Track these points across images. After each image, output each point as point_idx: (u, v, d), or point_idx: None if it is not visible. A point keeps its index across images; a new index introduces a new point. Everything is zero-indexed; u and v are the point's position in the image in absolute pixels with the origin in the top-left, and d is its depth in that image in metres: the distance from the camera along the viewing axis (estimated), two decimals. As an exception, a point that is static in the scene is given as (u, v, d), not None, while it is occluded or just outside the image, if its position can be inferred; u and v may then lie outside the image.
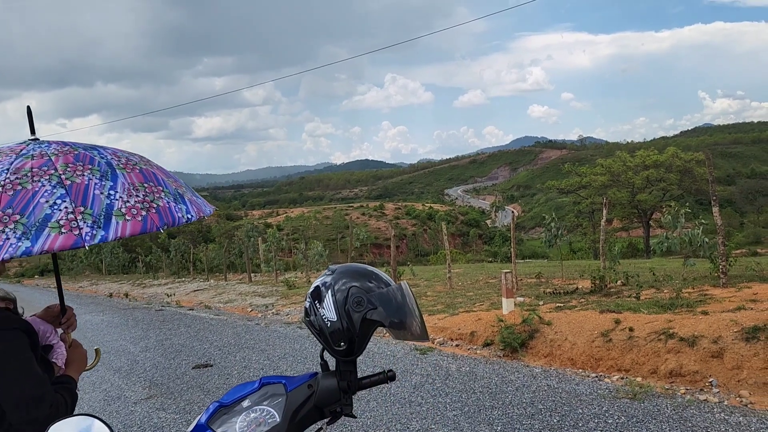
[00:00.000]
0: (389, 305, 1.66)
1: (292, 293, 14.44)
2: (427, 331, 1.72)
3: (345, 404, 1.69)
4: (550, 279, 12.20)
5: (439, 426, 4.82)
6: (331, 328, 1.64)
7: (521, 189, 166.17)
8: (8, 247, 1.45)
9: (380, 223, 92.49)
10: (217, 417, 1.64)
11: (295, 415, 1.64)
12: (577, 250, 33.94)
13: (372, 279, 1.71)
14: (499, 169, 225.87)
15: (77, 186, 1.60)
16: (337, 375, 1.69)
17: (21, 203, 1.53)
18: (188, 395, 6.41)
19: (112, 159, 1.77)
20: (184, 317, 12.63)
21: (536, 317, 7.42)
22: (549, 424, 4.65)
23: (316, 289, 1.71)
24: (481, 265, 21.60)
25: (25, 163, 1.65)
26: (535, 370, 6.27)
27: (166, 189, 1.77)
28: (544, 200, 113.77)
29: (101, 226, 1.54)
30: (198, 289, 18.77)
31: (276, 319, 11.28)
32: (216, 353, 8.46)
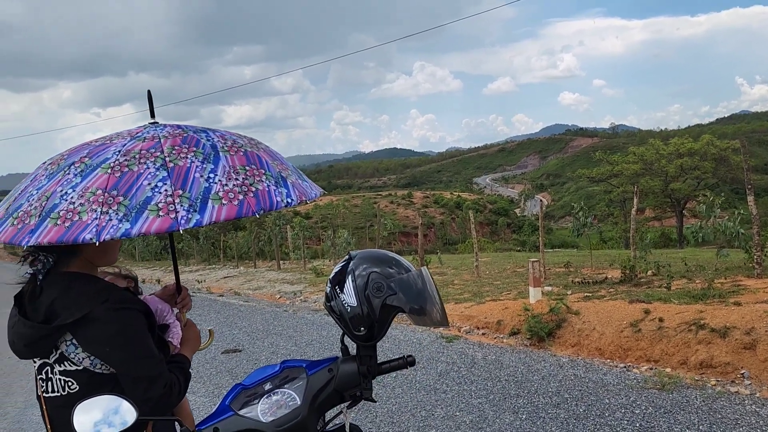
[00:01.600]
0: (409, 291, 1.67)
1: (320, 281, 14.54)
2: (447, 317, 1.72)
3: (365, 388, 1.71)
4: (579, 268, 12.06)
5: (463, 413, 4.83)
6: (351, 313, 1.66)
7: (551, 178, 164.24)
8: (110, 228, 1.48)
9: (408, 211, 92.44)
10: (239, 399, 1.68)
11: (316, 398, 1.67)
12: (607, 239, 33.51)
13: (392, 265, 1.72)
14: (529, 158, 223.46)
15: (179, 169, 1.61)
16: (357, 360, 1.71)
17: (126, 185, 1.55)
18: (217, 379, 6.53)
19: (218, 141, 1.76)
20: (214, 303, 12.83)
21: (564, 306, 7.36)
22: (575, 413, 4.62)
23: (336, 275, 1.73)
24: (509, 254, 21.46)
25: (135, 146, 1.67)
26: (562, 360, 6.22)
27: (268, 172, 1.74)
28: (574, 189, 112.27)
29: (197, 210, 1.54)
30: (228, 275, 19.02)
31: (304, 306, 11.38)
32: (245, 339, 8.59)
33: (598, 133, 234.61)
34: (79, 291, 1.73)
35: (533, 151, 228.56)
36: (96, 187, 1.56)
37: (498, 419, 4.65)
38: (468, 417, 4.74)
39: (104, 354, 1.72)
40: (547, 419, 4.55)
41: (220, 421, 1.60)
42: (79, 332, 1.70)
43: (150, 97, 2.00)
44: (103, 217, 1.50)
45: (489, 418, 4.68)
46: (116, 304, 1.72)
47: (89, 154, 1.69)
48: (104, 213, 1.51)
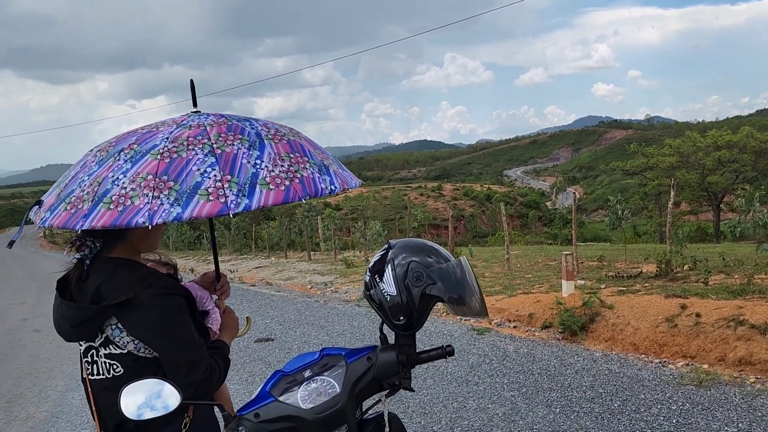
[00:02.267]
0: (448, 280, 1.67)
1: (351, 272, 14.61)
2: (486, 308, 1.71)
3: (403, 377, 1.71)
4: (612, 262, 11.88)
5: (496, 405, 4.82)
6: (391, 302, 1.66)
7: (583, 170, 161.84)
8: (162, 212, 1.52)
9: (438, 203, 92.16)
10: (279, 385, 1.70)
11: (355, 386, 1.68)
12: (641, 233, 32.94)
13: (431, 254, 1.72)
14: (561, 150, 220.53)
15: (227, 155, 1.64)
16: (396, 349, 1.71)
17: (176, 170, 1.59)
18: (250, 367, 6.63)
19: (261, 130, 1.80)
20: (246, 293, 12.99)
21: (597, 300, 7.27)
22: (609, 408, 4.57)
23: (376, 264, 1.73)
24: (541, 247, 21.26)
25: (183, 133, 1.71)
26: (596, 354, 6.15)
27: (311, 160, 1.77)
28: (608, 182, 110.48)
29: (246, 195, 1.57)
30: (259, 266, 19.23)
31: (335, 296, 11.46)
32: (277, 328, 8.69)
33: (632, 125, 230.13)
34: (124, 276, 1.77)
35: (565, 143, 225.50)
36: (146, 172, 1.59)
37: (531, 412, 4.62)
38: (500, 409, 4.73)
39: (148, 338, 1.76)
40: (581, 413, 4.51)
41: (261, 407, 1.62)
42: (123, 315, 1.75)
43: (193, 86, 2.03)
44: (155, 202, 1.54)
45: (522, 411, 4.65)
46: (160, 289, 1.76)
47: (137, 140, 1.73)
48: (156, 197, 1.54)
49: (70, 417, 5.68)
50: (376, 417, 1.76)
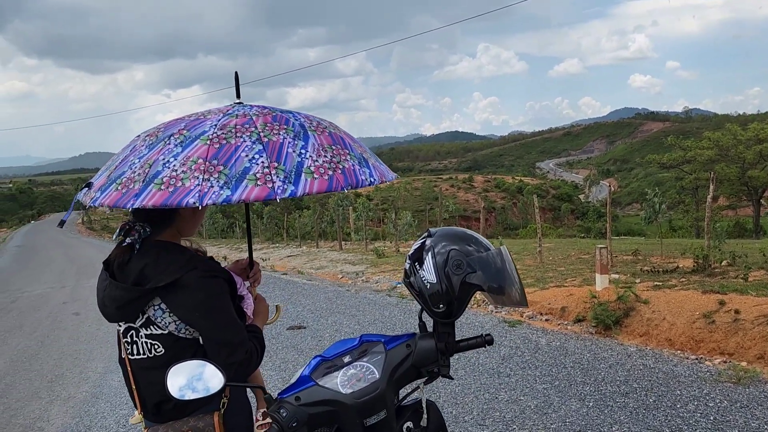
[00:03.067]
0: (488, 269, 1.66)
1: (382, 262, 14.65)
2: (526, 298, 1.71)
3: (442, 365, 1.72)
4: (647, 257, 11.68)
5: (528, 398, 4.80)
6: (431, 290, 1.66)
7: (618, 163, 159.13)
8: (212, 194, 1.57)
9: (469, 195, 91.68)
10: (319, 370, 1.72)
11: (394, 372, 1.69)
12: (677, 228, 32.28)
13: (471, 243, 1.72)
14: (595, 142, 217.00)
15: (273, 143, 1.70)
16: (435, 336, 1.72)
17: (225, 156, 1.64)
18: (283, 354, 6.72)
19: (304, 122, 1.85)
20: (278, 281, 13.14)
21: (632, 294, 7.16)
22: (644, 403, 4.51)
23: (416, 251, 1.74)
24: (574, 240, 21.00)
25: (230, 121, 1.76)
26: (630, 349, 6.07)
27: (352, 152, 1.82)
28: (643, 175, 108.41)
29: (292, 182, 1.62)
30: (291, 254, 19.42)
31: (366, 286, 11.51)
32: (309, 316, 8.78)
33: (670, 117, 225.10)
34: (170, 258, 1.83)
35: (600, 136, 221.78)
36: (197, 156, 1.65)
37: (564, 405, 4.59)
38: (533, 402, 4.71)
39: (192, 319, 1.81)
40: (615, 408, 4.46)
41: (302, 391, 1.65)
42: (169, 297, 1.80)
43: (237, 78, 2.08)
44: (205, 184, 1.59)
45: (554, 404, 4.62)
46: (205, 272, 1.81)
47: (186, 126, 1.78)
48: (206, 180, 1.59)
49: (109, 398, 5.84)
50: (413, 404, 1.77)
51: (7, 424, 5.42)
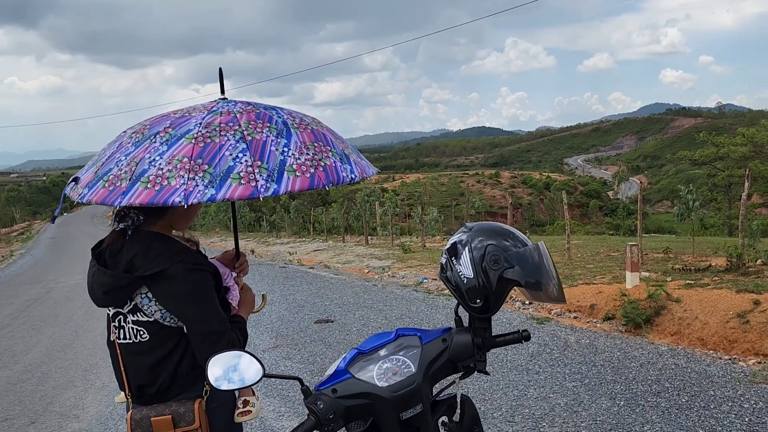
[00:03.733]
0: (526, 265, 1.65)
1: (408, 257, 14.65)
2: (564, 294, 1.69)
3: (479, 360, 1.71)
4: (678, 255, 11.49)
5: (557, 395, 4.76)
6: (468, 284, 1.66)
7: (648, 159, 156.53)
8: (197, 193, 1.61)
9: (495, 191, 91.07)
10: (356, 363, 1.73)
11: (430, 367, 1.69)
12: (708, 226, 31.64)
13: (509, 238, 1.71)
14: (625, 138, 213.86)
15: (257, 142, 1.72)
16: (472, 331, 1.71)
17: (209, 155, 1.68)
18: (311, 348, 6.77)
19: (287, 119, 1.87)
20: (305, 275, 13.23)
21: (663, 293, 7.06)
22: (677, 403, 4.45)
23: (452, 246, 1.73)
24: (602, 237, 20.73)
25: (214, 119, 1.79)
26: (661, 348, 5.99)
27: (333, 149, 1.85)
28: (674, 172, 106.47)
29: (274, 180, 1.65)
30: (317, 249, 19.52)
31: (392, 281, 11.52)
32: (336, 310, 8.83)
33: (702, 113, 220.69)
34: (159, 249, 1.88)
35: (630, 132, 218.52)
36: (182, 155, 1.68)
37: (594, 404, 4.55)
38: (562, 399, 4.67)
39: (177, 309, 1.87)
40: (647, 407, 4.41)
41: (339, 383, 1.66)
42: (155, 286, 1.86)
43: (221, 74, 2.12)
44: (191, 183, 1.62)
45: (584, 402, 4.59)
46: (191, 264, 1.87)
47: (172, 124, 1.82)
48: (191, 179, 1.63)
49: (141, 387, 5.95)
50: (448, 399, 1.77)
51: (44, 412, 5.56)
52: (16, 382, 6.60)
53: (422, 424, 1.65)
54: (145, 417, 1.95)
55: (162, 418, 1.93)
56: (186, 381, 1.96)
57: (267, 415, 4.83)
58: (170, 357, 1.93)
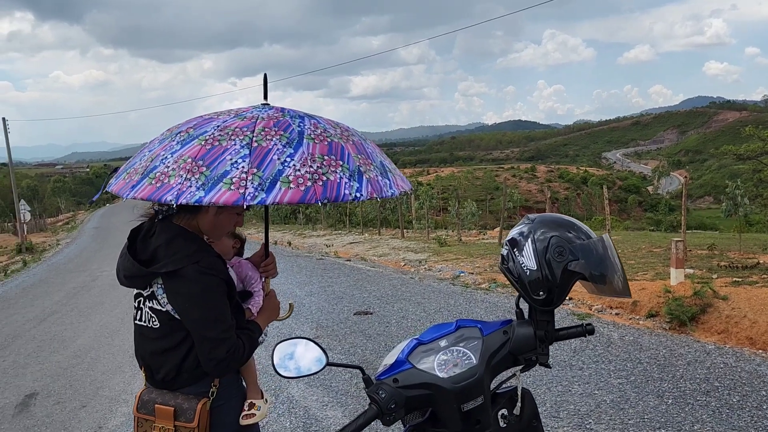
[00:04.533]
0: (591, 257, 1.63)
1: (444, 251, 14.61)
2: (629, 288, 1.67)
3: (541, 353, 1.70)
4: (724, 252, 11.20)
5: (603, 392, 4.70)
6: (531, 276, 1.64)
7: (690, 154, 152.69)
8: (188, 194, 1.61)
9: (531, 185, 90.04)
10: (416, 353, 1.73)
11: (491, 359, 1.68)
12: (754, 222, 30.72)
13: (572, 229, 1.69)
14: (666, 132, 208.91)
15: (261, 149, 1.70)
16: (534, 324, 1.70)
17: (211, 157, 1.68)
18: (351, 339, 6.81)
19: (308, 128, 1.83)
20: (342, 267, 13.30)
21: (710, 290, 6.89)
22: (727, 402, 4.35)
23: (514, 237, 1.72)
24: (644, 233, 20.32)
25: (234, 123, 1.79)
26: (708, 347, 5.85)
27: (345, 164, 1.77)
28: (717, 167, 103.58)
29: (264, 190, 1.61)
30: (353, 241, 19.61)
31: (429, 274, 11.51)
32: (375, 302, 8.86)
33: (747, 106, 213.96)
34: (179, 246, 1.91)
35: (671, 125, 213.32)
36: (188, 155, 1.70)
37: (641, 401, 4.48)
38: (608, 396, 4.61)
39: (183, 308, 1.90)
40: (696, 406, 4.32)
41: (400, 373, 1.66)
42: (167, 282, 1.90)
43: (265, 80, 2.09)
44: (185, 183, 1.64)
45: (631, 400, 4.52)
46: (204, 268, 1.88)
47: (195, 125, 1.84)
48: (187, 179, 1.64)
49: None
50: (508, 391, 1.76)
51: (95, 396, 5.72)
52: (67, 367, 6.81)
53: (482, 416, 1.64)
54: (151, 400, 2.01)
55: (165, 407, 1.98)
56: (190, 376, 1.97)
57: (311, 405, 4.89)
58: (176, 349, 1.95)
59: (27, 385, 6.22)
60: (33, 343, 8.22)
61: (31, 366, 6.99)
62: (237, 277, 2.19)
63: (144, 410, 2.02)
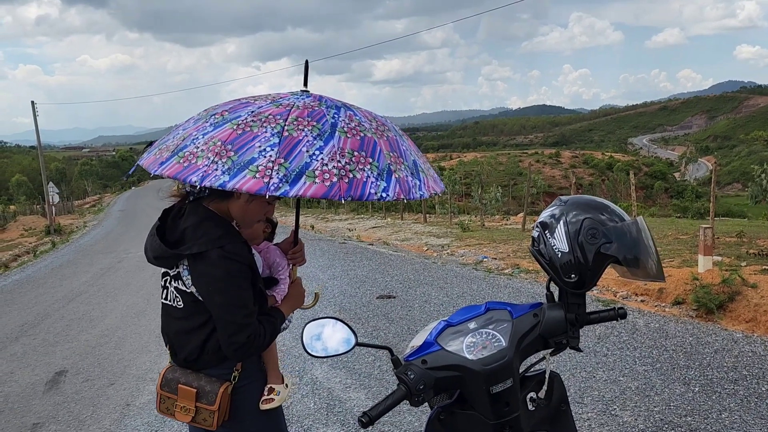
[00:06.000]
0: (624, 240, 1.60)
1: (467, 236, 14.56)
2: (663, 272, 1.64)
3: (572, 337, 1.68)
4: (753, 239, 10.99)
5: (628, 379, 4.66)
6: (563, 259, 1.62)
7: (719, 140, 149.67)
8: (213, 177, 1.61)
9: (555, 171, 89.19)
10: (445, 335, 1.72)
11: (521, 341, 1.67)
12: (784, 209, 30.13)
13: (605, 212, 1.66)
14: (694, 117, 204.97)
15: (291, 139, 1.67)
16: (564, 307, 1.68)
17: (241, 143, 1.66)
18: (374, 322, 6.84)
19: (342, 120, 1.79)
20: (365, 251, 13.33)
21: (738, 278, 6.77)
22: (756, 391, 4.28)
23: (545, 219, 1.69)
24: (670, 219, 20.04)
25: (269, 110, 1.77)
26: (736, 335, 5.76)
27: (375, 162, 1.73)
28: (746, 153, 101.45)
29: (289, 182, 1.59)
30: (376, 225, 19.63)
31: (451, 259, 11.48)
32: (397, 286, 8.87)
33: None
34: (206, 229, 1.91)
35: (700, 111, 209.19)
36: (218, 138, 1.69)
37: (667, 389, 4.43)
38: (633, 383, 4.57)
39: (206, 291, 1.90)
40: (723, 395, 4.26)
41: (428, 354, 1.66)
42: (192, 264, 1.91)
43: (306, 67, 2.05)
44: (212, 166, 1.62)
45: (657, 387, 4.47)
46: (229, 253, 1.88)
47: (231, 109, 1.82)
48: (214, 162, 1.63)
49: (211, 355, 6.17)
50: (537, 374, 1.74)
51: (122, 374, 5.84)
52: (95, 346, 6.95)
53: (511, 399, 1.63)
54: (175, 379, 2.03)
55: (188, 388, 1.99)
56: (212, 358, 1.98)
57: (334, 387, 4.92)
58: (199, 330, 1.97)
59: (57, 363, 6.36)
60: (62, 322, 8.40)
61: (61, 344, 7.15)
62: (264, 262, 2.19)
63: (167, 388, 2.05)
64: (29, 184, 74.58)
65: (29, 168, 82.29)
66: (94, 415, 4.85)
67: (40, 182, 38.45)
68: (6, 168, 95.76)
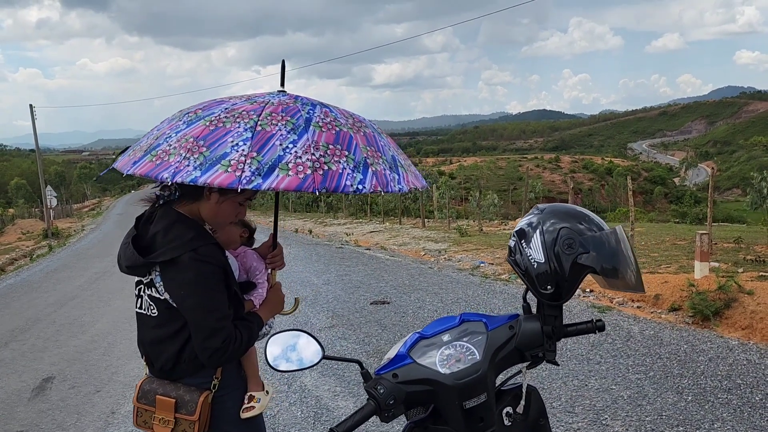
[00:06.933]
0: (602, 250, 1.54)
1: (464, 241, 14.51)
2: (642, 283, 1.57)
3: (548, 350, 1.62)
4: (751, 245, 10.93)
5: (620, 387, 4.59)
6: (538, 269, 1.56)
7: (718, 145, 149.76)
8: (184, 173, 1.58)
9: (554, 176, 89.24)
10: (417, 348, 1.66)
11: (496, 355, 1.60)
12: (783, 215, 30.08)
13: (583, 221, 1.60)
14: (694, 123, 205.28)
15: (264, 133, 1.65)
16: (541, 319, 1.62)
17: (213, 138, 1.64)
18: (367, 328, 6.77)
19: (317, 116, 1.77)
20: (361, 256, 13.27)
21: (735, 284, 6.71)
22: (750, 401, 4.21)
23: (522, 228, 1.64)
24: (668, 225, 19.98)
25: (243, 107, 1.74)
26: (731, 342, 5.69)
27: (351, 155, 1.71)
28: (746, 158, 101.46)
29: (261, 175, 1.57)
30: (374, 230, 19.58)
31: (448, 264, 11.42)
32: (392, 292, 8.81)
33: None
34: (177, 233, 1.86)
35: (699, 116, 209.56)
36: (191, 135, 1.66)
37: (659, 398, 4.36)
38: (625, 392, 4.50)
39: (178, 296, 1.85)
40: (716, 404, 4.19)
41: (400, 368, 1.60)
42: (164, 270, 1.86)
43: (283, 66, 2.03)
44: (183, 162, 1.60)
45: (649, 396, 4.40)
46: (201, 255, 1.83)
47: (205, 107, 1.80)
48: (185, 158, 1.60)
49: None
50: (514, 389, 1.68)
51: (109, 381, 5.76)
52: (84, 351, 6.88)
53: (486, 414, 1.57)
54: (152, 391, 1.97)
55: (166, 399, 1.94)
56: (189, 367, 1.93)
57: (323, 395, 4.86)
58: (174, 338, 1.91)
59: (44, 369, 6.29)
60: (53, 327, 8.33)
61: (50, 350, 7.08)
62: (241, 267, 2.13)
63: (144, 400, 1.98)
64: (28, 188, 74.57)
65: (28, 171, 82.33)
66: (78, 423, 4.77)
67: (38, 186, 38.43)
68: (5, 171, 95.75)
